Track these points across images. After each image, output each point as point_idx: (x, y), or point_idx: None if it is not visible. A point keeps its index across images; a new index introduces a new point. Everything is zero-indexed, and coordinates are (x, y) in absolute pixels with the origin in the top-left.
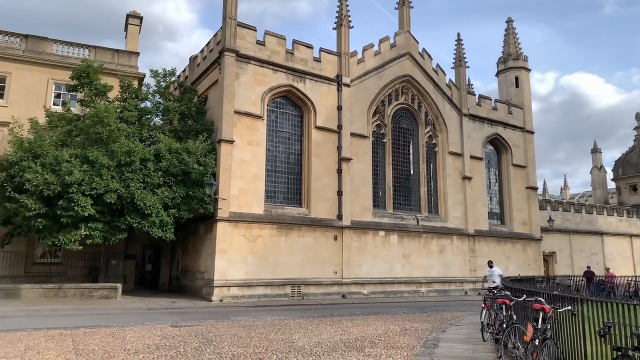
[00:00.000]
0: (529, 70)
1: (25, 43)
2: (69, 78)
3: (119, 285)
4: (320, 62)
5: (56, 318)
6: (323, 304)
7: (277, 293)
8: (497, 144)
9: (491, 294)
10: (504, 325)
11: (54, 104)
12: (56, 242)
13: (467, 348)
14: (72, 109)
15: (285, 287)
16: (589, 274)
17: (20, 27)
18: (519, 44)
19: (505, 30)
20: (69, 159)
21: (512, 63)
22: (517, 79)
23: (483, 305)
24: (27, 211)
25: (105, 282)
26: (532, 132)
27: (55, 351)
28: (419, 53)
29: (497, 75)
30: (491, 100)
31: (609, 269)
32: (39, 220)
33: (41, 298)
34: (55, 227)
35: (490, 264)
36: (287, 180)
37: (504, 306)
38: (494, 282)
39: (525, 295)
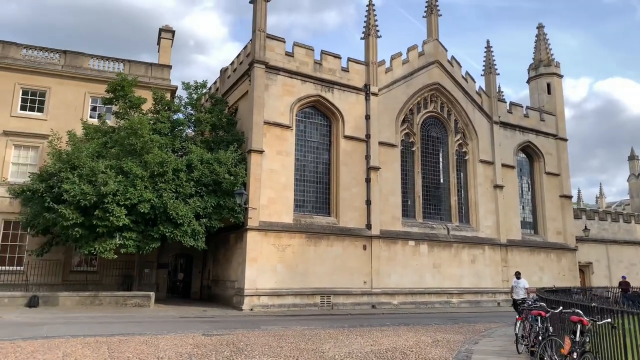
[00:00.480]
0: (561, 76)
1: (64, 58)
2: (105, 91)
3: (152, 294)
4: (348, 71)
5: (92, 325)
6: (352, 314)
7: (307, 302)
8: (529, 152)
9: (525, 305)
10: (540, 338)
11: (90, 117)
12: (92, 251)
13: None
14: (107, 121)
15: (314, 296)
16: (624, 285)
17: (58, 43)
18: (550, 49)
19: (535, 37)
20: (104, 170)
21: (543, 69)
22: (548, 85)
23: (517, 316)
24: (65, 221)
25: (138, 290)
26: (565, 140)
27: (91, 358)
28: (448, 61)
29: (528, 82)
30: (522, 107)
31: None
32: (76, 229)
33: (78, 305)
34: (92, 236)
35: (517, 275)
36: (316, 190)
37: (539, 318)
38: (523, 293)
39: (561, 307)
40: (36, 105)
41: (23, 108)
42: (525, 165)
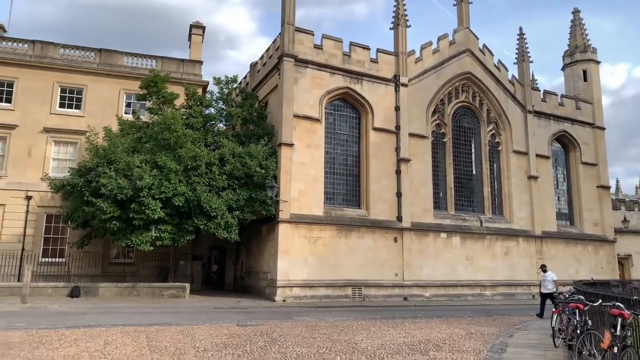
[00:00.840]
0: (598, 62)
1: (99, 56)
2: (139, 88)
3: (187, 285)
4: (377, 63)
5: (131, 315)
6: (384, 305)
7: (338, 294)
8: (565, 142)
9: (562, 297)
10: (578, 331)
11: (125, 113)
12: (129, 244)
13: (537, 354)
14: (141, 117)
15: (346, 288)
16: None
17: (93, 42)
18: (586, 35)
19: (571, 22)
20: (139, 165)
21: (579, 56)
22: (585, 72)
23: (554, 309)
24: (103, 214)
25: (174, 281)
26: (602, 128)
27: (131, 347)
28: (479, 49)
29: (563, 69)
30: (557, 95)
31: None
32: (114, 222)
33: (117, 296)
34: (128, 229)
35: (543, 269)
36: (346, 182)
37: (577, 311)
38: (552, 286)
39: (600, 300)
40: (74, 103)
41: (62, 105)
42: (560, 155)
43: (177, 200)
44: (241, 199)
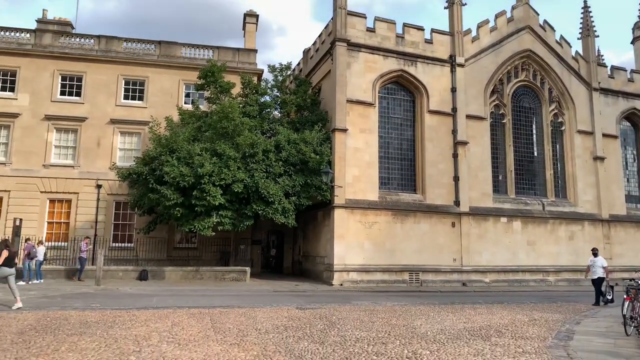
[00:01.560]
0: None
1: (159, 48)
2: (197, 78)
3: (248, 269)
4: (432, 43)
5: (195, 298)
6: (442, 291)
7: (395, 279)
8: (635, 120)
9: (634, 283)
10: None
11: (185, 103)
12: (192, 229)
13: (607, 342)
14: (200, 106)
15: (403, 273)
16: None
17: (151, 35)
18: None
19: None
20: (200, 153)
21: None
22: None
23: (625, 296)
24: (167, 201)
25: (235, 265)
26: None
27: (197, 328)
28: (540, 25)
29: (632, 42)
30: (626, 71)
31: None
32: (177, 209)
33: (181, 279)
34: (191, 215)
35: (594, 252)
36: (401, 167)
37: None
38: (601, 272)
39: None
40: (137, 94)
41: (126, 97)
42: (630, 134)
43: (236, 186)
44: (297, 185)
